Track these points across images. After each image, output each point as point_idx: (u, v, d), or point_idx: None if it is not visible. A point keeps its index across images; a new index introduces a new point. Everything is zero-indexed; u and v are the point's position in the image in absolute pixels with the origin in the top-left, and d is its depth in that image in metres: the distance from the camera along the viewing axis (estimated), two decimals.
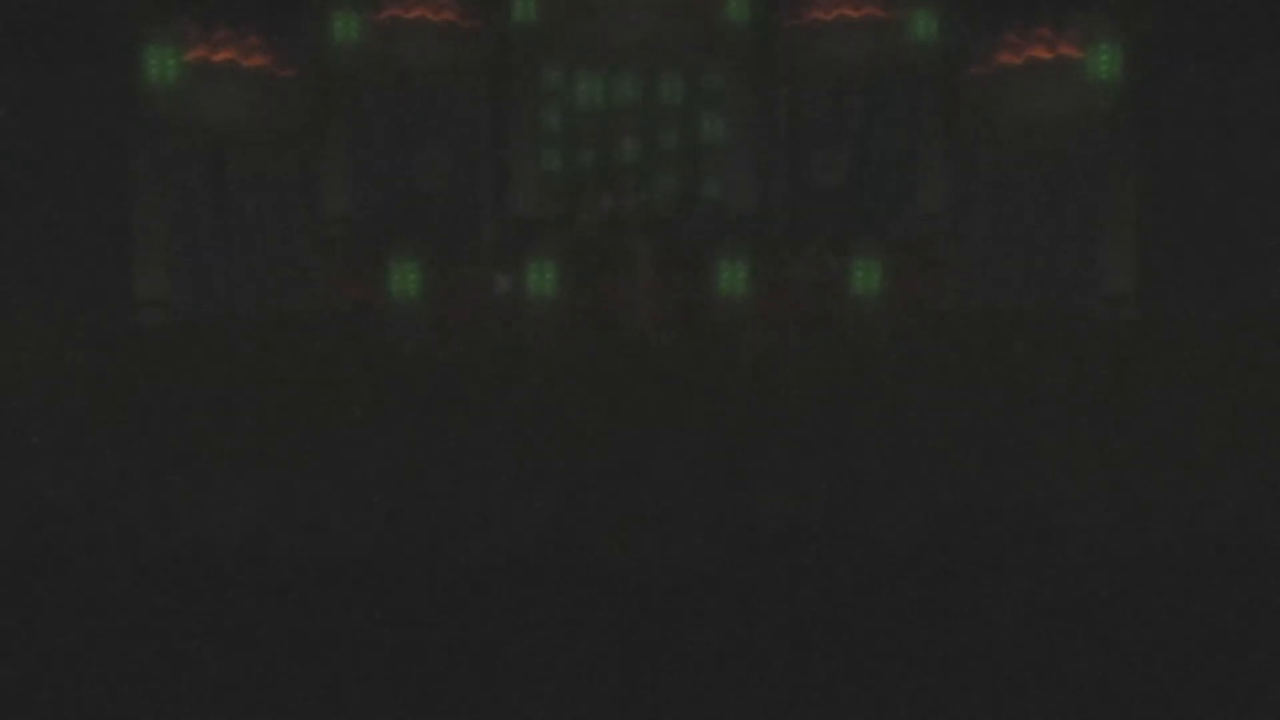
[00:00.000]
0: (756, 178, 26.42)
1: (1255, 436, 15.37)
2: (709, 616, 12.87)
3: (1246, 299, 23.61)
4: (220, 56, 24.60)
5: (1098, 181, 24.66)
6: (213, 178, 24.97)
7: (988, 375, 17.61)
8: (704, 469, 15.11)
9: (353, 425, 16.80)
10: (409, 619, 13.20)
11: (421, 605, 13.19)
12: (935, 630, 12.73)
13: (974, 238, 25.36)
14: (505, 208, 26.31)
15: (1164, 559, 13.75)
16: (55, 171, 24.76)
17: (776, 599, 12.76)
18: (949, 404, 17.14)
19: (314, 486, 15.44)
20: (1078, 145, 24.80)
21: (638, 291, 24.22)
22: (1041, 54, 24.66)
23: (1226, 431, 15.67)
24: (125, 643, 13.25)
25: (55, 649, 13.33)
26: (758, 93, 26.36)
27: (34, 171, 24.75)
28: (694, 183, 26.50)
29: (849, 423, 16.48)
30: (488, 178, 26.33)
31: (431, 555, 13.53)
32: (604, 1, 26.03)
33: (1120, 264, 24.31)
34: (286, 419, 16.73)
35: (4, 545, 14.53)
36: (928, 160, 25.81)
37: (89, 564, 13.88)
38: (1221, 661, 12.67)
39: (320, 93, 25.58)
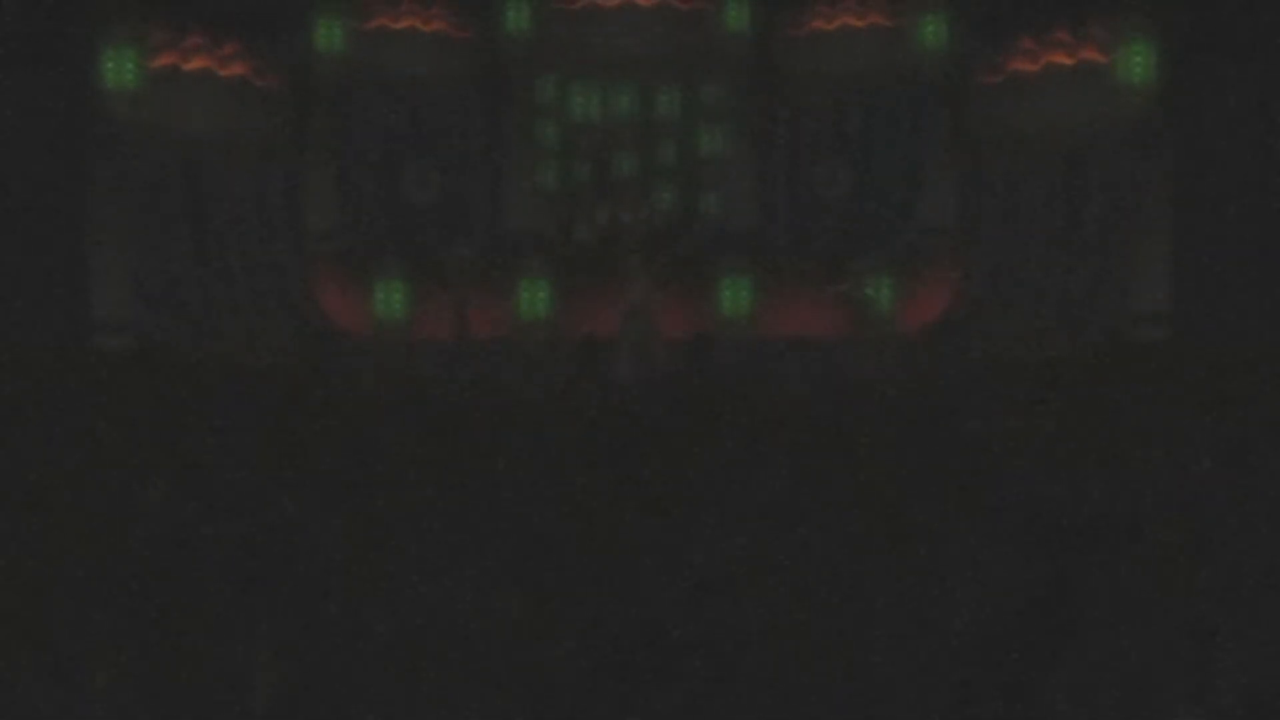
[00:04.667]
0: (756, 192, 25.65)
1: None
2: None
3: None
4: (193, 64, 23.72)
5: (1127, 192, 23.80)
6: (185, 192, 24.10)
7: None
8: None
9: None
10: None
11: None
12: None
13: (983, 254, 24.55)
14: (498, 223, 25.58)
15: None
16: (7, 179, 23.66)
17: None
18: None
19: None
20: (1103, 154, 23.96)
21: (634, 310, 23.39)
22: (1061, 59, 23.86)
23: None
24: None
25: None
26: (758, 105, 25.59)
27: None
28: (692, 198, 25.75)
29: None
30: (480, 193, 25.59)
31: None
32: (600, 11, 25.35)
33: (1153, 279, 23.40)
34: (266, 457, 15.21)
35: None
36: (934, 173, 25.05)
37: None
38: None
39: (302, 104, 24.73)
